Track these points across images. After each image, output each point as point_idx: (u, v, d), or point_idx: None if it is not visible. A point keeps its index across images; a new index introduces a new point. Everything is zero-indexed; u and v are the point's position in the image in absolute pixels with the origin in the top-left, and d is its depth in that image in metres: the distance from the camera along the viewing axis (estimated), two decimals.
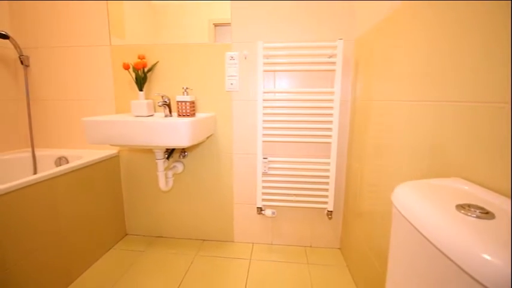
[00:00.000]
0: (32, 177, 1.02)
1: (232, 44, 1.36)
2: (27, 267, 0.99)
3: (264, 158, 1.33)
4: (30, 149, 1.53)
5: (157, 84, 1.44)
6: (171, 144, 1.08)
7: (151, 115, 1.39)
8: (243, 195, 1.48)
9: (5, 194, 0.91)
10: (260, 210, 1.38)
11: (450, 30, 0.59)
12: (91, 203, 1.32)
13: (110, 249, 1.46)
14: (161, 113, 1.43)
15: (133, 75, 1.38)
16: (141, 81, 1.38)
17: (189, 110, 1.31)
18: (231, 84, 1.38)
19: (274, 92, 1.36)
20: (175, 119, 1.09)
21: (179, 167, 1.44)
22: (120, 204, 1.55)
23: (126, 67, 1.36)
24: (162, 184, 1.31)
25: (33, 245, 1.02)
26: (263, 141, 1.34)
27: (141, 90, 1.38)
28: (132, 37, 1.43)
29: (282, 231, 1.49)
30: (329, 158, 1.31)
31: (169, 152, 1.43)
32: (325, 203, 1.33)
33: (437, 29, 0.63)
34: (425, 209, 0.43)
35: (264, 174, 1.36)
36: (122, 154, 1.53)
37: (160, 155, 1.28)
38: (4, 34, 1.34)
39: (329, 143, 1.31)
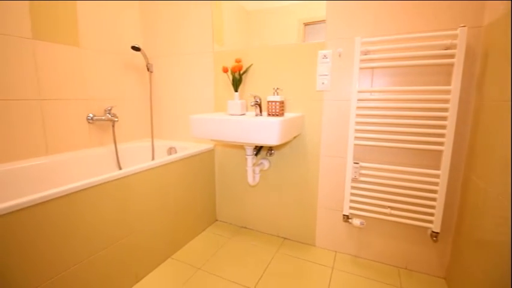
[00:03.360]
0: (151, 162, 1.25)
1: (325, 42, 1.31)
2: (144, 235, 1.23)
3: (355, 163, 1.23)
4: (150, 139, 1.89)
5: (250, 85, 1.53)
6: (261, 142, 1.13)
7: (243, 114, 1.48)
8: (329, 199, 1.41)
9: (131, 174, 1.15)
10: (347, 218, 1.29)
11: None
12: (191, 188, 1.53)
13: (203, 231, 1.65)
14: (252, 112, 1.51)
15: (231, 77, 1.51)
16: (236, 82, 1.49)
17: (278, 109, 1.34)
18: (322, 83, 1.33)
19: (371, 91, 1.23)
20: (266, 118, 1.13)
21: (266, 164, 1.50)
22: (212, 193, 1.74)
23: (225, 70, 1.49)
24: (250, 179, 1.39)
25: (149, 217, 1.25)
26: (355, 145, 1.23)
27: (236, 91, 1.49)
28: (229, 42, 1.57)
29: (371, 245, 1.35)
30: (438, 170, 1.10)
31: (258, 149, 1.51)
32: (430, 222, 1.13)
33: None
34: None
35: (354, 180, 1.26)
36: (216, 148, 1.70)
37: (250, 151, 1.36)
38: (138, 47, 1.68)
39: (439, 151, 1.10)
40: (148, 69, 1.80)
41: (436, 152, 1.14)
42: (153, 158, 1.78)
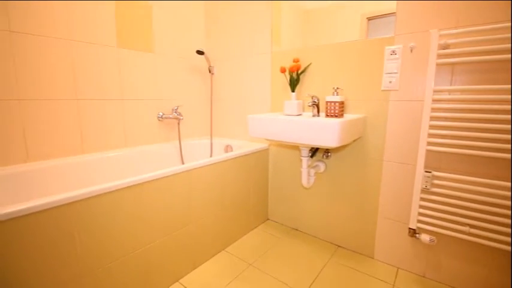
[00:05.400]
0: (211, 159, 1.32)
1: (394, 36, 1.20)
2: (202, 226, 1.31)
3: (427, 172, 1.09)
4: (209, 137, 2.01)
5: (307, 85, 1.49)
6: (319, 143, 1.09)
7: (300, 114, 1.46)
8: (392, 209, 1.29)
9: (194, 169, 1.24)
10: (413, 232, 1.15)
11: None
12: (245, 186, 1.57)
13: (254, 228, 1.68)
14: (308, 112, 1.47)
15: (288, 77, 1.50)
16: (294, 82, 1.48)
17: (337, 110, 1.28)
18: (390, 82, 1.22)
19: (449, 91, 1.08)
20: (325, 119, 1.09)
21: (321, 167, 1.45)
22: (265, 192, 1.76)
23: (283, 70, 1.49)
24: (304, 180, 1.36)
25: (207, 210, 1.33)
26: (427, 150, 1.10)
27: (293, 91, 1.48)
28: (286, 42, 1.56)
29: (441, 266, 1.19)
30: None
31: (313, 151, 1.46)
32: None
33: None
34: None
35: (424, 191, 1.12)
36: (271, 148, 1.72)
37: (305, 152, 1.33)
38: (202, 51, 1.80)
39: None
40: (210, 71, 1.92)
41: None
42: (211, 155, 1.89)
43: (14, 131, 1.17)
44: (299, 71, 1.47)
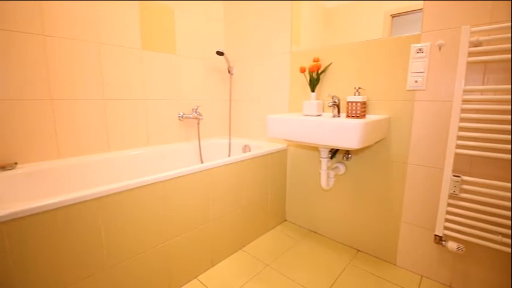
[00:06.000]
0: (229, 158, 1.34)
1: (421, 34, 1.15)
2: (220, 225, 1.33)
3: (456, 176, 1.04)
4: (227, 137, 2.03)
5: (328, 85, 1.47)
6: (340, 145, 1.07)
7: (320, 115, 1.43)
8: (416, 214, 1.24)
9: (213, 168, 1.25)
10: (439, 239, 1.10)
11: None
12: (263, 186, 1.57)
13: (272, 229, 1.68)
14: (328, 113, 1.45)
15: (308, 77, 1.48)
16: (313, 82, 1.45)
17: (359, 111, 1.25)
18: (416, 81, 1.17)
19: (482, 91, 1.02)
20: (346, 119, 1.07)
21: (341, 168, 1.42)
22: (283, 192, 1.75)
23: (302, 70, 1.47)
24: (323, 182, 1.34)
25: (224, 209, 1.34)
26: (456, 154, 1.04)
27: (313, 91, 1.46)
28: (305, 42, 1.54)
29: (469, 275, 1.12)
30: None
31: (333, 152, 1.44)
32: None
33: None
34: None
35: (452, 196, 1.06)
36: (289, 148, 1.70)
37: (325, 153, 1.31)
38: (222, 52, 1.82)
39: None
40: (229, 72, 1.93)
41: None
42: (229, 155, 1.91)
43: (47, 129, 1.24)
44: (319, 71, 1.44)
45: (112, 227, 0.92)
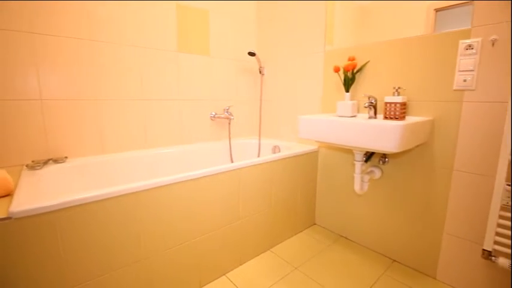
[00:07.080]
0: (261, 158, 1.34)
1: (471, 29, 1.05)
2: (249, 224, 1.33)
3: (509, 185, 0.93)
4: (257, 137, 2.04)
5: (363, 84, 1.41)
6: (376, 148, 1.02)
7: (354, 116, 1.38)
8: (461, 226, 1.13)
9: (243, 167, 1.26)
10: (488, 254, 1.00)
11: None
12: (292, 187, 1.55)
13: (300, 232, 1.65)
14: (364, 114, 1.39)
15: (342, 77, 1.43)
16: (348, 82, 1.40)
17: (398, 112, 1.18)
18: (464, 81, 1.08)
19: None
20: (385, 121, 1.01)
21: (376, 173, 1.35)
22: (313, 195, 1.71)
23: (337, 70, 1.43)
24: (357, 187, 1.29)
25: (254, 208, 1.35)
26: (510, 161, 0.94)
27: (347, 91, 1.41)
28: (338, 41, 1.50)
29: None
30: None
31: (369, 155, 1.37)
32: None
33: None
34: None
35: (505, 208, 0.96)
36: (320, 150, 1.66)
37: (359, 157, 1.25)
38: (253, 53, 1.84)
39: None
40: (260, 72, 1.94)
41: None
42: (259, 155, 1.91)
43: (92, 126, 1.35)
44: (354, 70, 1.39)
45: (147, 220, 0.97)
